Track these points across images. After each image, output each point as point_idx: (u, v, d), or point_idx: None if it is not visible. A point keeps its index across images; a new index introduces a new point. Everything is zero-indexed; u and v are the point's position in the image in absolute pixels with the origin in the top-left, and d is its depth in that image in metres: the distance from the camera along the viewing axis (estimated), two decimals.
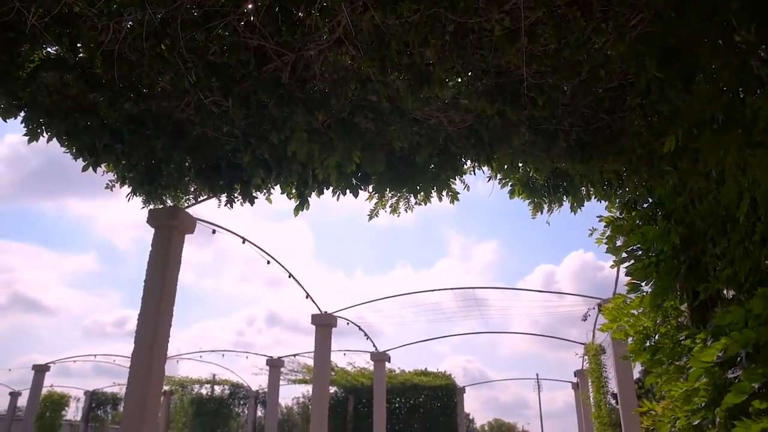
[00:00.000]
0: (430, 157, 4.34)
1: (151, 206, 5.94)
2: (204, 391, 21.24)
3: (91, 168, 4.76)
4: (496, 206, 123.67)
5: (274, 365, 14.36)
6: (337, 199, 5.12)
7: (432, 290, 10.32)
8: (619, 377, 8.26)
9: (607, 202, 4.91)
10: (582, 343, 13.19)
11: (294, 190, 5.02)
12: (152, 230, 5.87)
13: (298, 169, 4.41)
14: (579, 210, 5.10)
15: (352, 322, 11.29)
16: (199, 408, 20.75)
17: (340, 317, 10.38)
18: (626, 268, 4.10)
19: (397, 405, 17.11)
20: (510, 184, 5.12)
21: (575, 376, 16.32)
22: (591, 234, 4.87)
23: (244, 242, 7.45)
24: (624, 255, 4.31)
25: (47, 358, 17.60)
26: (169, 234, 5.78)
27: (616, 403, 11.97)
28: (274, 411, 14.32)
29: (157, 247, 5.77)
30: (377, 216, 5.46)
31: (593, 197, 5.01)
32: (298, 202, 5.02)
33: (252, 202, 5.21)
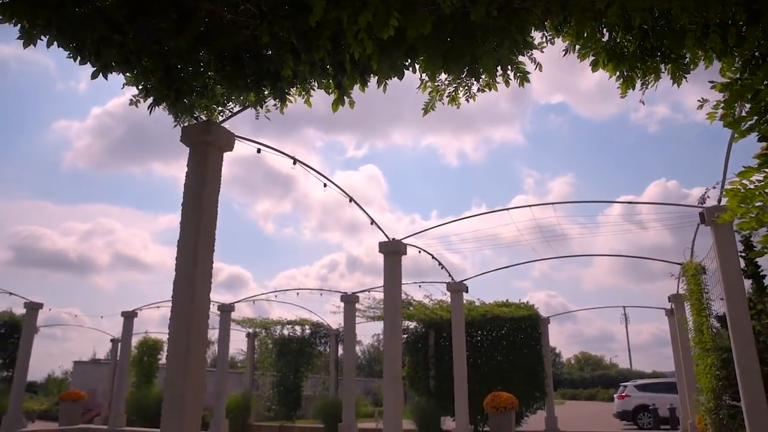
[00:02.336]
0: (488, 17, 3.44)
1: (186, 124, 5.44)
2: (286, 332, 21.53)
3: (102, 75, 4.19)
4: (569, 138, 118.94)
5: (349, 301, 14.05)
6: (384, 91, 4.34)
7: (508, 208, 9.42)
8: (728, 293, 7.19)
9: (720, 67, 3.85)
10: (678, 263, 11.98)
11: (331, 81, 4.28)
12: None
13: (327, 45, 3.62)
14: (683, 80, 4.06)
15: (424, 250, 10.64)
16: (282, 348, 21.07)
17: (410, 245, 9.73)
18: (759, 131, 3.12)
19: (478, 338, 16.50)
20: (591, 54, 4.13)
21: (669, 301, 15.08)
22: (701, 106, 3.86)
23: (295, 163, 6.84)
24: (751, 122, 3.33)
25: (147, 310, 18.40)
26: (205, 151, 5.21)
27: (721, 326, 10.83)
28: (351, 347, 14.10)
29: (193, 165, 5.23)
30: (433, 109, 4.63)
31: (701, 61, 3.95)
32: (336, 96, 4.29)
33: (283, 100, 4.52)
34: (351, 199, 8.02)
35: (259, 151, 6.21)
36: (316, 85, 4.50)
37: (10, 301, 31.50)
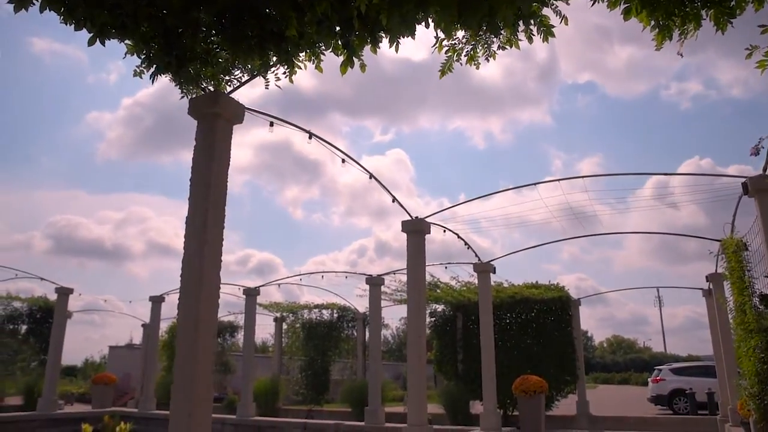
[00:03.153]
0: None
1: (193, 96, 5.21)
2: (313, 316, 21.47)
3: (99, 42, 3.97)
4: (598, 118, 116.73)
5: (374, 284, 13.81)
6: (396, 51, 4.04)
7: (536, 183, 9.04)
8: None
9: None
10: (717, 240, 11.41)
11: (339, 42, 3.98)
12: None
13: None
14: (728, 25, 3.65)
15: (449, 229, 10.30)
16: (310, 332, 21.04)
17: (434, 224, 9.43)
18: None
19: (507, 320, 16.13)
20: (623, 1, 3.75)
21: (707, 281, 14.45)
22: (750, 54, 3.48)
23: (311, 137, 6.58)
24: None
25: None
26: (213, 123, 4.98)
27: (765, 306, 10.27)
28: (377, 330, 13.89)
29: (201, 139, 5.01)
30: (451, 71, 4.31)
31: (749, 3, 3.55)
32: (344, 57, 3.99)
33: (291, 65, 4.24)
34: (371, 176, 7.74)
35: (272, 124, 5.97)
36: (325, 47, 4.21)
37: (46, 288, 32.21)
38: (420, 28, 4.08)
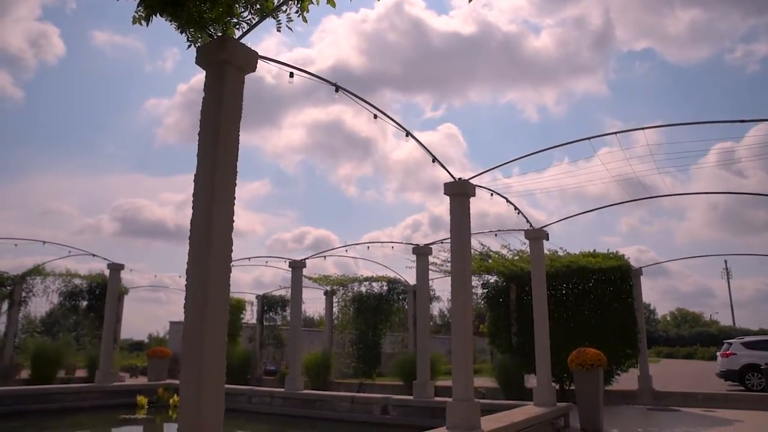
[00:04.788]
0: None
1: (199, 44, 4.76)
2: (363, 289, 21.19)
3: None
4: (657, 86, 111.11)
5: (421, 253, 13.27)
6: None
7: (590, 138, 8.24)
8: None
9: None
10: None
11: None
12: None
13: None
14: None
15: (497, 193, 9.59)
16: (360, 305, 20.78)
17: (479, 186, 8.77)
18: None
19: (563, 291, 15.30)
20: None
21: None
22: None
23: (337, 90, 6.07)
24: None
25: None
26: (221, 71, 4.50)
27: None
28: (425, 302, 13.36)
29: (210, 89, 4.53)
30: None
31: None
32: None
33: None
34: (408, 133, 7.16)
35: (292, 75, 5.46)
36: None
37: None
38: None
